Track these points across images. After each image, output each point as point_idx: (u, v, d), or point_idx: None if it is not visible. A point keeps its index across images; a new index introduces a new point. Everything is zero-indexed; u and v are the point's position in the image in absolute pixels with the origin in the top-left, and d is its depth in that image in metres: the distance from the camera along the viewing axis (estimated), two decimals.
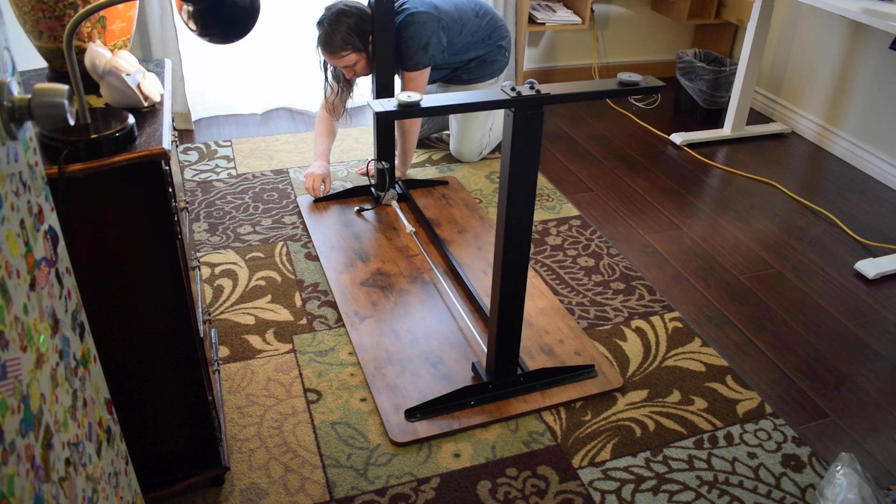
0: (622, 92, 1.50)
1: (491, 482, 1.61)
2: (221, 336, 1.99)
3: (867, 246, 2.58)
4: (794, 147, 3.32)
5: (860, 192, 2.95)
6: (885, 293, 2.32)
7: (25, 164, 0.74)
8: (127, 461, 1.06)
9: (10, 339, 0.64)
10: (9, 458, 0.60)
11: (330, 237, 2.42)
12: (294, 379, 1.86)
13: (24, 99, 0.69)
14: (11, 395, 0.63)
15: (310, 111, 3.36)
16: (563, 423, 1.77)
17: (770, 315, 2.19)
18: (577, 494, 1.59)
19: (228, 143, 3.05)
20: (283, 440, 1.68)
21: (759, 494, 1.61)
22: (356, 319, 2.06)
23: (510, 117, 1.45)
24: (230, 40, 1.32)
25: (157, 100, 1.32)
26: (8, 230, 0.66)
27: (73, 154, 1.11)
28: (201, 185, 2.71)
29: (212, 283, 2.19)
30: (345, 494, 1.56)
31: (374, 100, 1.41)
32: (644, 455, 1.69)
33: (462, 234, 2.48)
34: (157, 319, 1.31)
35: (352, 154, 3.01)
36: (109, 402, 1.00)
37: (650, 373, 1.93)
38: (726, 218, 2.69)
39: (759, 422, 1.80)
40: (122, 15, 1.33)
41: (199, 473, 1.51)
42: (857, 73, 3.13)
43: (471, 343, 2.00)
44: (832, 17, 3.19)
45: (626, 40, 3.93)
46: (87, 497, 0.83)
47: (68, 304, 0.84)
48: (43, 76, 1.39)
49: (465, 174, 2.89)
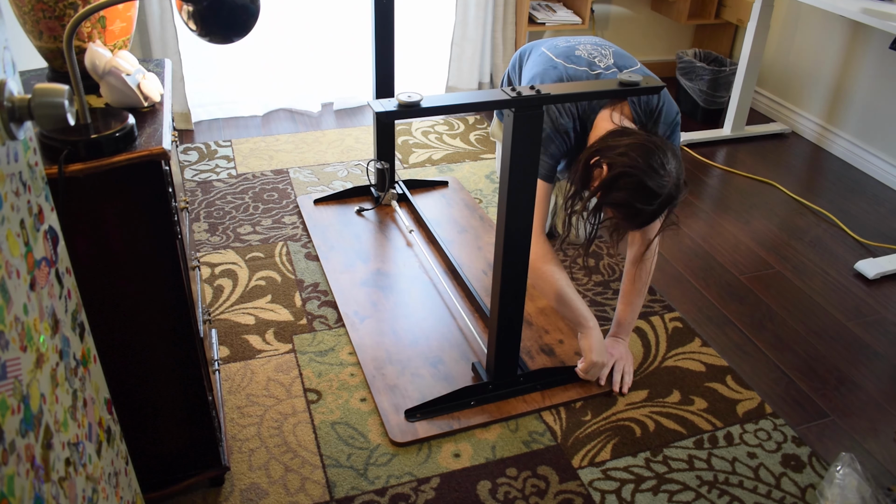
0: (622, 92, 1.50)
1: (491, 482, 1.61)
2: (221, 336, 1.99)
3: (867, 246, 2.58)
4: (794, 147, 3.32)
5: (860, 192, 2.95)
6: (885, 293, 2.32)
7: (25, 164, 0.74)
8: (127, 461, 1.06)
9: (10, 339, 0.64)
10: (9, 458, 0.60)
11: (330, 237, 2.42)
12: (294, 379, 1.86)
13: (24, 99, 0.69)
14: (11, 395, 0.63)
15: (310, 111, 3.36)
16: (563, 423, 1.77)
17: (770, 315, 2.19)
18: (577, 494, 1.59)
19: (228, 143, 3.05)
20: (283, 440, 1.68)
21: (759, 494, 1.61)
22: (356, 319, 2.05)
23: (510, 117, 1.45)
24: (230, 40, 1.32)
25: (157, 100, 1.32)
26: (8, 230, 0.66)
27: (73, 154, 1.11)
28: (201, 185, 2.71)
29: (212, 283, 2.19)
30: (345, 494, 1.56)
31: (374, 100, 1.41)
32: (644, 455, 1.69)
33: (462, 234, 2.48)
34: (157, 319, 1.30)
35: (352, 154, 3.01)
36: (109, 402, 1.00)
37: (650, 373, 1.93)
38: (726, 218, 2.69)
39: (759, 422, 1.80)
40: (122, 15, 1.33)
41: (199, 473, 1.51)
42: (857, 73, 3.13)
43: (471, 343, 2.00)
44: (832, 17, 3.19)
45: (626, 40, 3.93)
46: (87, 497, 0.82)
47: (68, 304, 0.84)
48: (43, 76, 1.39)
49: (465, 174, 2.89)
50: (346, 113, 3.41)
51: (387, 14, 2.32)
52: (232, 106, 3.31)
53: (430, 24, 3.48)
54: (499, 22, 3.46)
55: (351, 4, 3.26)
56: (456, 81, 3.53)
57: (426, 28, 3.48)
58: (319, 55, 3.31)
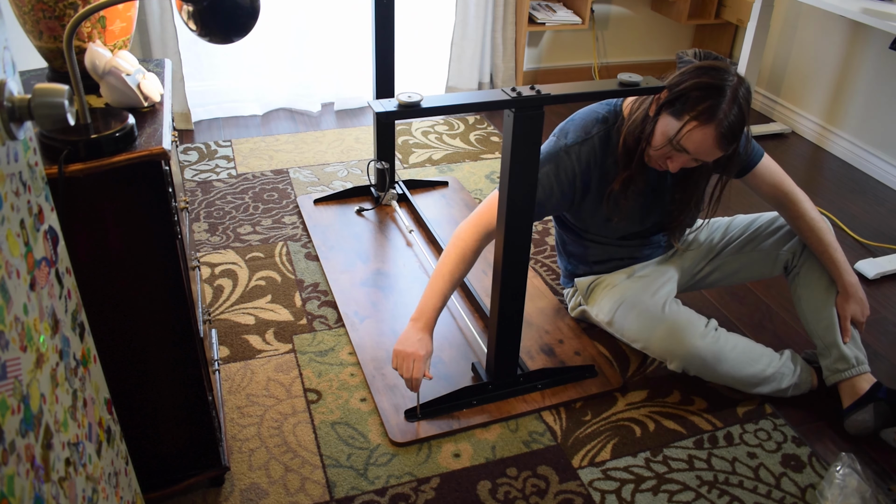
0: (622, 92, 1.50)
1: (491, 482, 1.61)
2: (221, 336, 1.99)
3: (867, 246, 2.58)
4: (794, 147, 3.32)
5: (860, 192, 2.95)
6: (885, 293, 2.32)
7: (25, 164, 0.74)
8: (127, 461, 1.06)
9: (10, 339, 0.64)
10: (9, 458, 0.60)
11: (330, 237, 2.42)
12: (294, 379, 1.86)
13: (24, 99, 0.69)
14: (11, 395, 0.63)
15: (310, 111, 3.36)
16: (563, 423, 1.77)
17: (770, 315, 2.19)
18: (577, 494, 1.59)
19: (228, 143, 3.05)
20: (283, 440, 1.68)
21: (759, 494, 1.61)
22: (356, 319, 2.05)
23: (510, 117, 1.45)
24: (230, 40, 1.32)
25: (157, 100, 1.32)
26: (8, 230, 0.66)
27: (73, 154, 1.11)
28: (201, 185, 2.71)
29: (212, 283, 2.19)
30: (345, 494, 1.56)
31: (375, 100, 1.41)
32: (644, 455, 1.69)
33: None
34: (157, 319, 1.30)
35: (352, 154, 3.01)
36: (109, 402, 1.00)
37: (650, 373, 1.93)
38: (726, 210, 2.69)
39: (759, 422, 1.80)
40: (122, 15, 1.33)
41: (199, 473, 1.51)
42: (857, 73, 3.13)
43: (471, 343, 2.00)
44: (832, 17, 3.19)
45: (626, 40, 3.93)
46: (87, 497, 0.82)
47: (68, 304, 0.84)
48: (43, 76, 1.39)
49: (465, 174, 2.89)
50: (346, 113, 3.41)
51: (387, 14, 2.32)
52: (232, 106, 3.31)
53: (430, 24, 3.48)
54: (499, 22, 3.46)
55: (351, 4, 3.26)
56: (456, 81, 3.53)
57: (426, 28, 3.48)
58: (319, 55, 3.31)
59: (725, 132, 1.55)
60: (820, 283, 1.84)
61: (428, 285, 1.70)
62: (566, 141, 1.73)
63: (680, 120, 1.57)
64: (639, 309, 1.82)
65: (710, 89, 1.54)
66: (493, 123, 3.35)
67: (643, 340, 1.82)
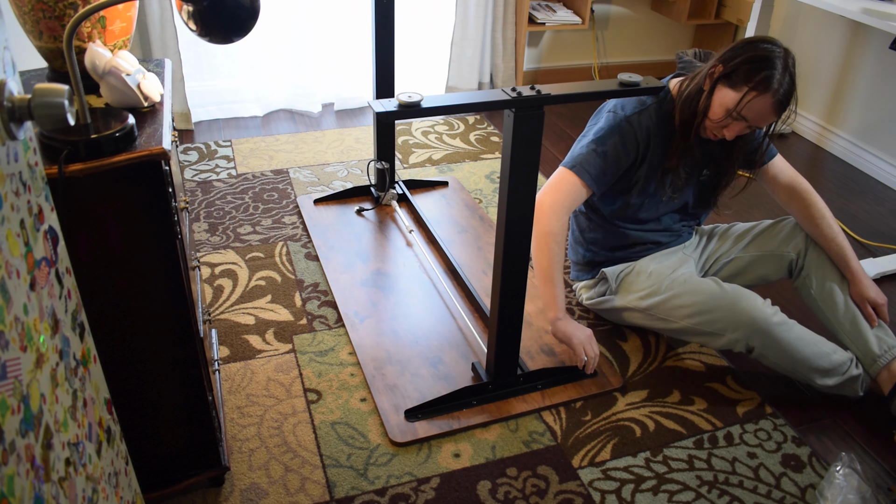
0: (622, 92, 1.50)
1: (491, 482, 1.61)
2: (221, 336, 1.99)
3: (867, 246, 2.57)
4: (794, 147, 3.32)
5: (860, 192, 2.95)
6: (885, 293, 2.32)
7: (25, 164, 0.74)
8: (127, 461, 1.06)
9: (10, 339, 0.64)
10: (9, 458, 0.60)
11: (330, 237, 2.42)
12: (294, 379, 1.86)
13: (24, 99, 0.69)
14: (11, 395, 0.63)
15: (310, 112, 3.36)
16: (563, 423, 1.77)
17: None
18: (577, 494, 1.59)
19: (228, 143, 3.05)
20: (283, 440, 1.68)
21: (759, 494, 1.61)
22: (356, 319, 2.06)
23: (510, 117, 1.45)
24: (230, 40, 1.32)
25: (157, 100, 1.32)
26: (8, 230, 0.66)
27: (73, 154, 1.11)
28: (201, 185, 2.71)
29: (212, 283, 2.19)
30: (345, 494, 1.56)
31: (375, 100, 1.41)
32: (644, 455, 1.69)
33: (462, 234, 2.48)
34: (157, 319, 1.30)
35: (352, 154, 3.01)
36: (109, 402, 1.00)
37: (650, 373, 1.93)
38: (726, 218, 2.69)
39: (759, 422, 1.80)
40: (122, 15, 1.33)
41: (199, 473, 1.51)
42: (857, 73, 3.13)
43: (471, 343, 2.00)
44: (832, 17, 3.19)
45: (626, 40, 3.93)
46: (87, 497, 0.83)
47: (68, 304, 0.84)
48: (43, 76, 1.39)
49: (465, 174, 2.89)
50: (346, 113, 3.41)
51: (387, 14, 2.32)
52: (232, 106, 3.31)
53: (430, 24, 3.48)
54: (499, 22, 3.46)
55: (351, 4, 3.26)
56: (456, 81, 3.53)
57: (426, 28, 3.48)
58: (320, 55, 3.31)
59: (782, 98, 1.69)
60: (833, 279, 1.90)
61: (542, 282, 1.85)
62: (624, 113, 1.83)
63: (738, 91, 1.69)
64: (691, 286, 1.84)
65: (762, 61, 1.67)
66: (493, 123, 3.35)
67: (703, 315, 1.81)
